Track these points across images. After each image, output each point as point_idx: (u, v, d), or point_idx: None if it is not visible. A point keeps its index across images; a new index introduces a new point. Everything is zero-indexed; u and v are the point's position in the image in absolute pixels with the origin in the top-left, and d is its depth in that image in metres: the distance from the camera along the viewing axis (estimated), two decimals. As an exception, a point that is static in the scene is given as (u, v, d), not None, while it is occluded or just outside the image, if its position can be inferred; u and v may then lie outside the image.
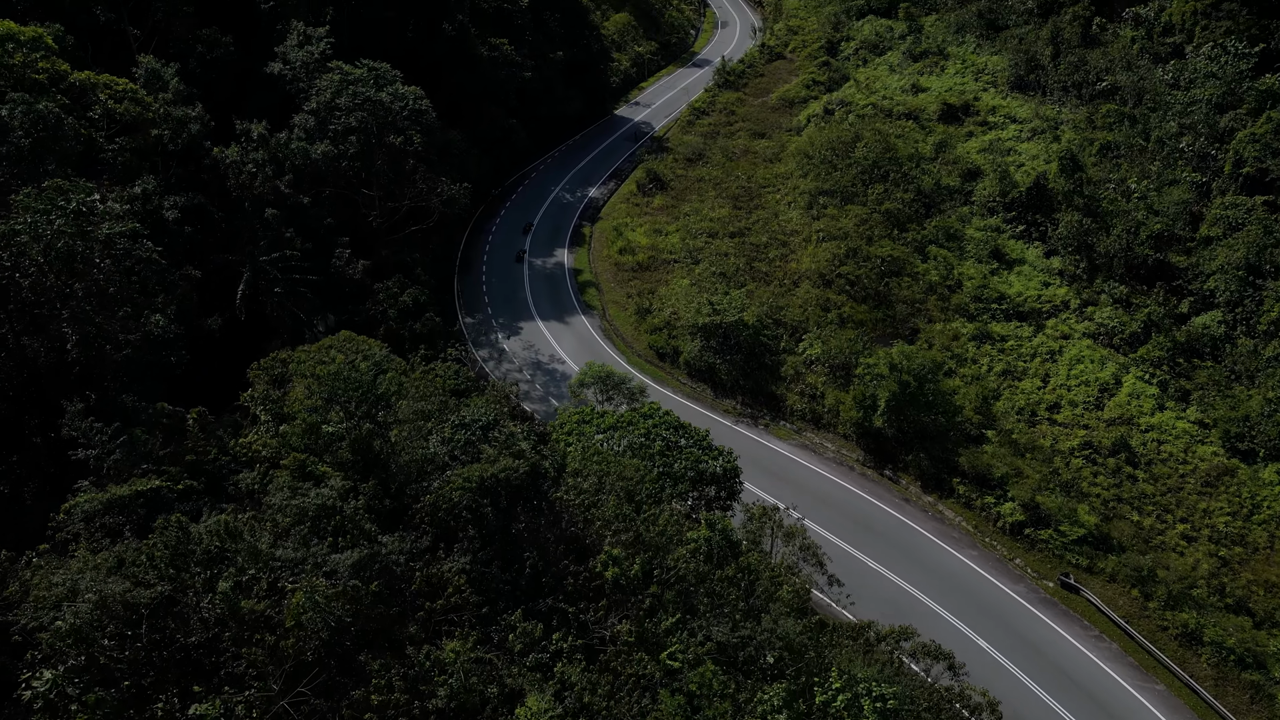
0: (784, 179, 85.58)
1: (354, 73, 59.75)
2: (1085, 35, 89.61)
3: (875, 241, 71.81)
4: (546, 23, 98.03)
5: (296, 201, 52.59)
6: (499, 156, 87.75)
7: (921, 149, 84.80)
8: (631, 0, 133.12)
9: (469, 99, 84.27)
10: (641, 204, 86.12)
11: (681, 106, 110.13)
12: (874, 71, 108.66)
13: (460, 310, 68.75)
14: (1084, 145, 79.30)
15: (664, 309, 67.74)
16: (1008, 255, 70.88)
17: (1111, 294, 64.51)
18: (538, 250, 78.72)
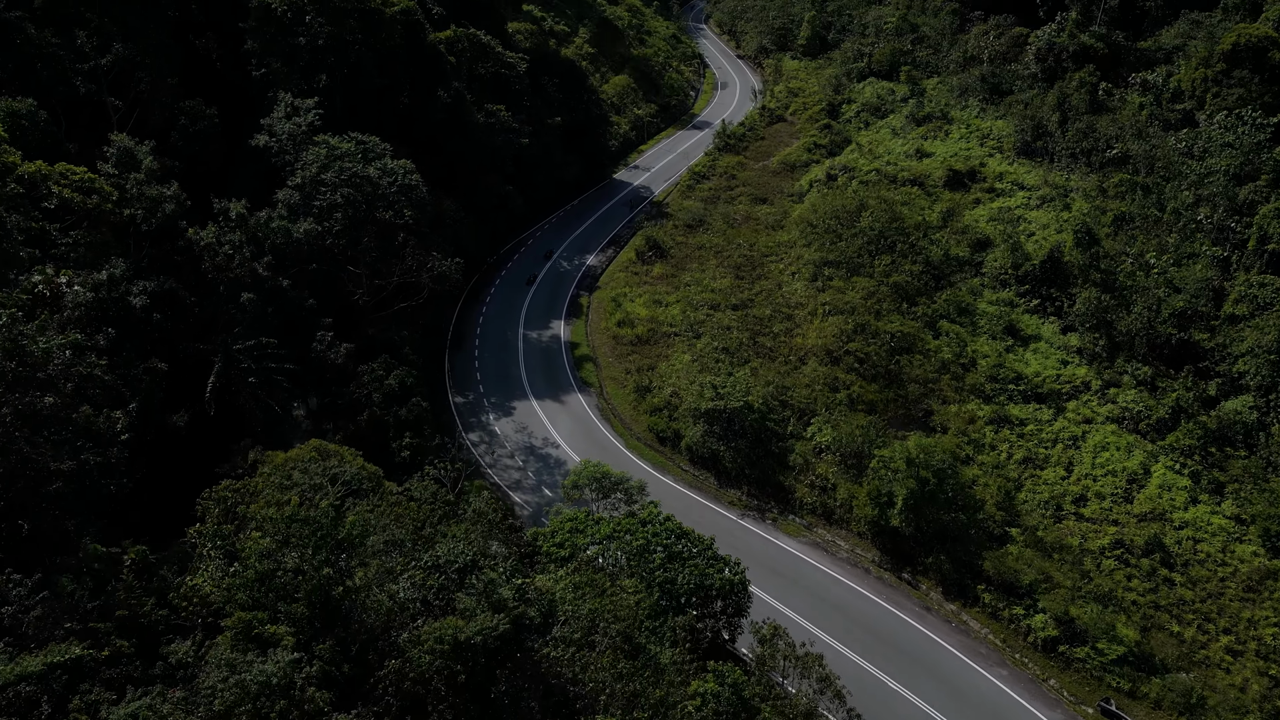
0: (787, 248, 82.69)
1: (340, 146, 57.03)
2: (1093, 101, 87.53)
3: (884, 316, 68.58)
4: (545, 88, 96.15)
5: (276, 284, 49.31)
6: (495, 223, 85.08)
7: (928, 217, 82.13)
8: (631, 63, 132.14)
9: (465, 166, 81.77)
10: (641, 273, 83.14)
11: (681, 170, 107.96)
12: (876, 135, 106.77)
13: (451, 389, 65.19)
14: (1096, 215, 76.66)
15: (664, 387, 64.20)
16: (1023, 331, 67.59)
17: (1135, 375, 61.05)
18: (533, 322, 75.43)
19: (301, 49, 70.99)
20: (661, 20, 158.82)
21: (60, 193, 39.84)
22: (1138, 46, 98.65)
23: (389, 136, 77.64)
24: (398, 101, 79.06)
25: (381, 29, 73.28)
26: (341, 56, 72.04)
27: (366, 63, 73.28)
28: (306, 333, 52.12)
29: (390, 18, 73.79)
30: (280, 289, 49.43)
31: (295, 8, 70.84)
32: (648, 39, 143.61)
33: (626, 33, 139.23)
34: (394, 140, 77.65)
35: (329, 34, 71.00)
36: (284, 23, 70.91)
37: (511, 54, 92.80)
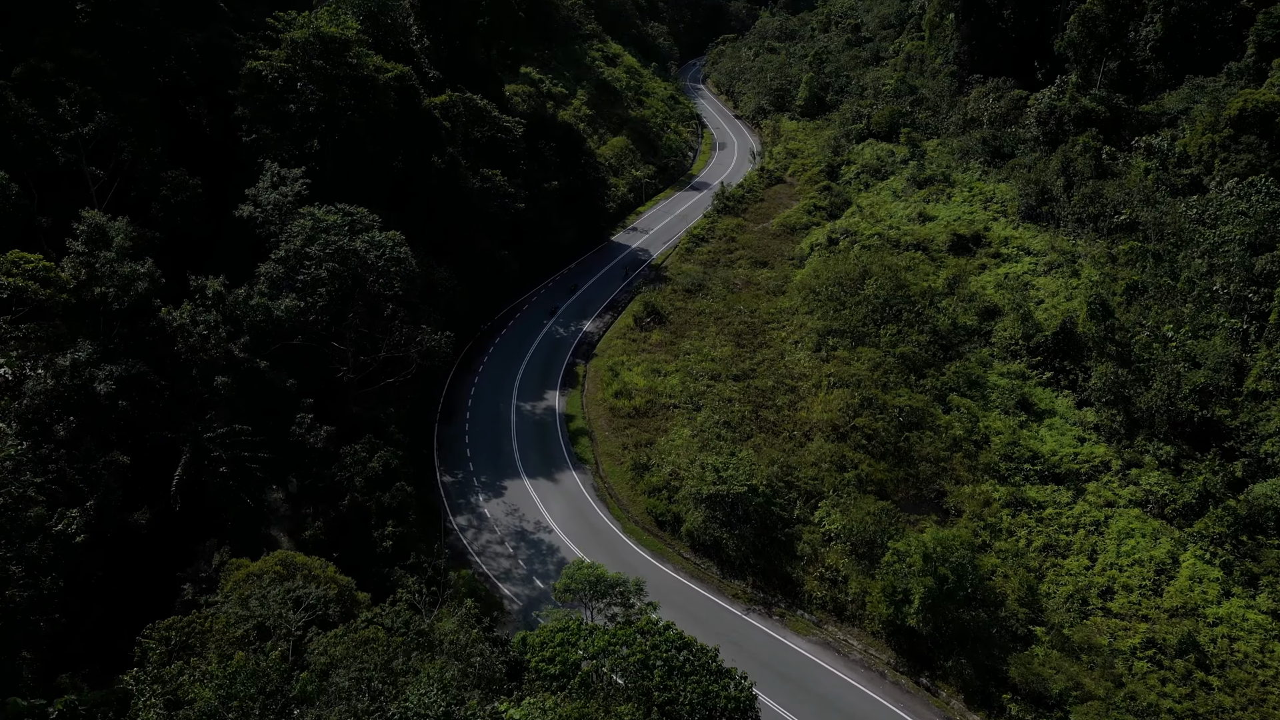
0: (789, 314, 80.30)
1: (326, 219, 54.77)
2: (1097, 165, 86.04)
3: (891, 389, 65.83)
4: (541, 151, 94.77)
5: (252, 366, 46.53)
6: (489, 289, 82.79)
7: (934, 284, 79.93)
8: (629, 124, 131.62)
9: (459, 231, 79.81)
10: (639, 339, 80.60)
11: (680, 232, 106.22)
12: (877, 197, 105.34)
13: (439, 467, 62.03)
14: (1108, 284, 74.44)
15: (663, 465, 61.08)
16: (1036, 405, 64.76)
17: (1156, 455, 58.06)
18: (527, 392, 72.56)
19: (293, 116, 69.41)
20: (659, 81, 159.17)
21: (12, 282, 37.39)
22: (1139, 110, 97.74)
23: (382, 202, 76.18)
24: (391, 166, 77.40)
25: (375, 96, 71.80)
26: (333, 123, 70.42)
27: (359, 129, 71.64)
28: (285, 415, 49.18)
29: (384, 84, 72.37)
30: (257, 371, 46.64)
31: (287, 75, 69.37)
32: (646, 100, 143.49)
33: (625, 94, 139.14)
34: (388, 205, 76.08)
35: (321, 101, 69.43)
36: (275, 89, 69.40)
37: (508, 118, 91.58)
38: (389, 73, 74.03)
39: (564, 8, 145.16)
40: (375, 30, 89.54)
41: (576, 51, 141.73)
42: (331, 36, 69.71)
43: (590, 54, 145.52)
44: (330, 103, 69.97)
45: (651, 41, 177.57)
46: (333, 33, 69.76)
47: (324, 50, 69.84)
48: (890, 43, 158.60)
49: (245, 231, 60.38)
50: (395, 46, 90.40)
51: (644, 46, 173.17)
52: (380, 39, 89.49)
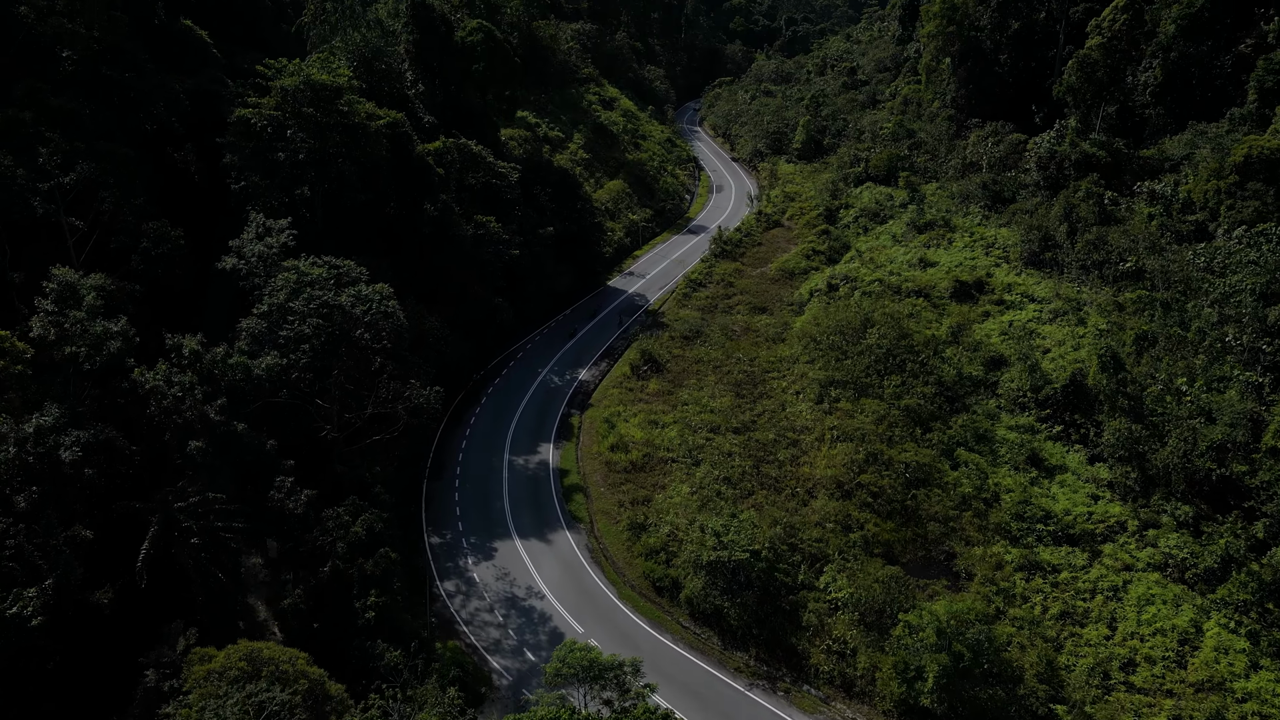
0: (789, 363, 78.25)
1: (311, 272, 52.81)
2: (1101, 212, 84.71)
3: (896, 443, 63.56)
4: (537, 197, 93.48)
5: (229, 429, 44.21)
6: (483, 337, 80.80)
7: (937, 332, 78.04)
8: (626, 167, 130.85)
9: (452, 279, 78.02)
10: (635, 389, 78.43)
11: (677, 277, 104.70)
12: (876, 241, 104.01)
13: (427, 528, 59.43)
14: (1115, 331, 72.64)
15: (661, 525, 58.53)
16: (1046, 461, 62.45)
17: (1174, 515, 55.66)
18: (520, 445, 70.17)
19: (282, 164, 67.94)
20: (656, 124, 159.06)
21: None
22: (1139, 154, 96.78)
23: (374, 249, 74.54)
24: (383, 214, 75.87)
25: (366, 143, 70.40)
26: (324, 171, 68.95)
27: (350, 177, 70.16)
28: (265, 478, 46.77)
29: (375, 132, 71.02)
30: (234, 434, 44.29)
31: (276, 122, 68.03)
32: (642, 143, 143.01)
33: (621, 137, 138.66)
34: (379, 253, 74.41)
35: (311, 149, 68.01)
36: (264, 137, 68.00)
37: (503, 164, 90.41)
38: (381, 120, 72.76)
39: (561, 52, 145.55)
40: (369, 76, 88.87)
41: (573, 95, 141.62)
42: (322, 84, 68.52)
43: (587, 97, 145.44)
44: (320, 151, 68.57)
45: (648, 85, 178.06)
46: (324, 80, 68.57)
47: (314, 98, 68.60)
48: (886, 86, 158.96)
49: (230, 283, 58.49)
50: (389, 92, 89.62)
51: (641, 90, 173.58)
52: (374, 85, 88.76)
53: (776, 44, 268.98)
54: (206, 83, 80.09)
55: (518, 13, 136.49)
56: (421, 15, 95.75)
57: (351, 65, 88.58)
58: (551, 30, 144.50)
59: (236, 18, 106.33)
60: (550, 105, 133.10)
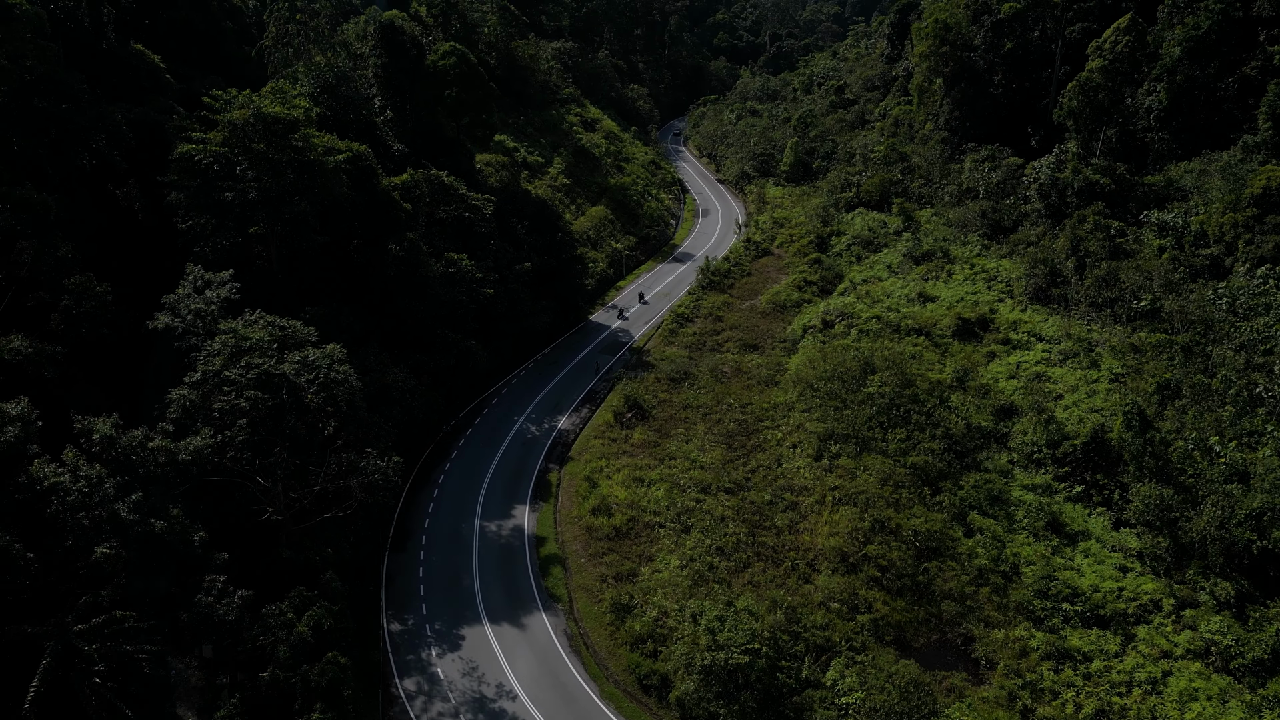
0: (784, 411, 72.55)
1: (251, 336, 46.59)
2: (1111, 246, 79.66)
3: (904, 507, 57.95)
4: (513, 230, 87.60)
5: (146, 529, 37.95)
6: (454, 384, 74.61)
7: (940, 376, 72.61)
8: (609, 192, 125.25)
9: (420, 323, 71.94)
10: (619, 439, 72.46)
11: (663, 310, 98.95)
12: (871, 271, 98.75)
13: (387, 611, 53.13)
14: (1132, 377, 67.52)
15: (647, 607, 52.55)
16: (1068, 526, 56.98)
17: (1214, 593, 50.22)
18: (493, 508, 64.02)
19: (231, 204, 61.83)
20: (640, 145, 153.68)
21: None
22: (1144, 181, 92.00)
23: (335, 293, 68.52)
24: (345, 254, 69.84)
25: (324, 180, 64.34)
26: (278, 211, 62.90)
27: (307, 216, 64.11)
28: (193, 578, 40.50)
29: (334, 167, 64.95)
30: (151, 535, 38.03)
31: (223, 159, 61.94)
32: (625, 166, 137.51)
33: (604, 160, 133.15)
34: (341, 297, 68.41)
35: (263, 188, 61.95)
36: (210, 175, 61.89)
37: (477, 195, 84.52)
38: (341, 154, 66.71)
39: (541, 72, 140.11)
40: (333, 103, 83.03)
41: (554, 117, 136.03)
42: (275, 117, 62.49)
43: (568, 119, 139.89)
44: (274, 189, 62.52)
45: (631, 104, 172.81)
46: (276, 113, 62.54)
47: (267, 132, 62.55)
48: (875, 105, 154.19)
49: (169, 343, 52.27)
50: (355, 120, 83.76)
51: (623, 109, 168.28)
52: (339, 112, 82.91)
53: (761, 60, 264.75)
54: (155, 112, 73.96)
55: (495, 32, 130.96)
56: (390, 38, 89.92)
57: (315, 91, 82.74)
58: (531, 50, 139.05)
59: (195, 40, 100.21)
60: (529, 128, 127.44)
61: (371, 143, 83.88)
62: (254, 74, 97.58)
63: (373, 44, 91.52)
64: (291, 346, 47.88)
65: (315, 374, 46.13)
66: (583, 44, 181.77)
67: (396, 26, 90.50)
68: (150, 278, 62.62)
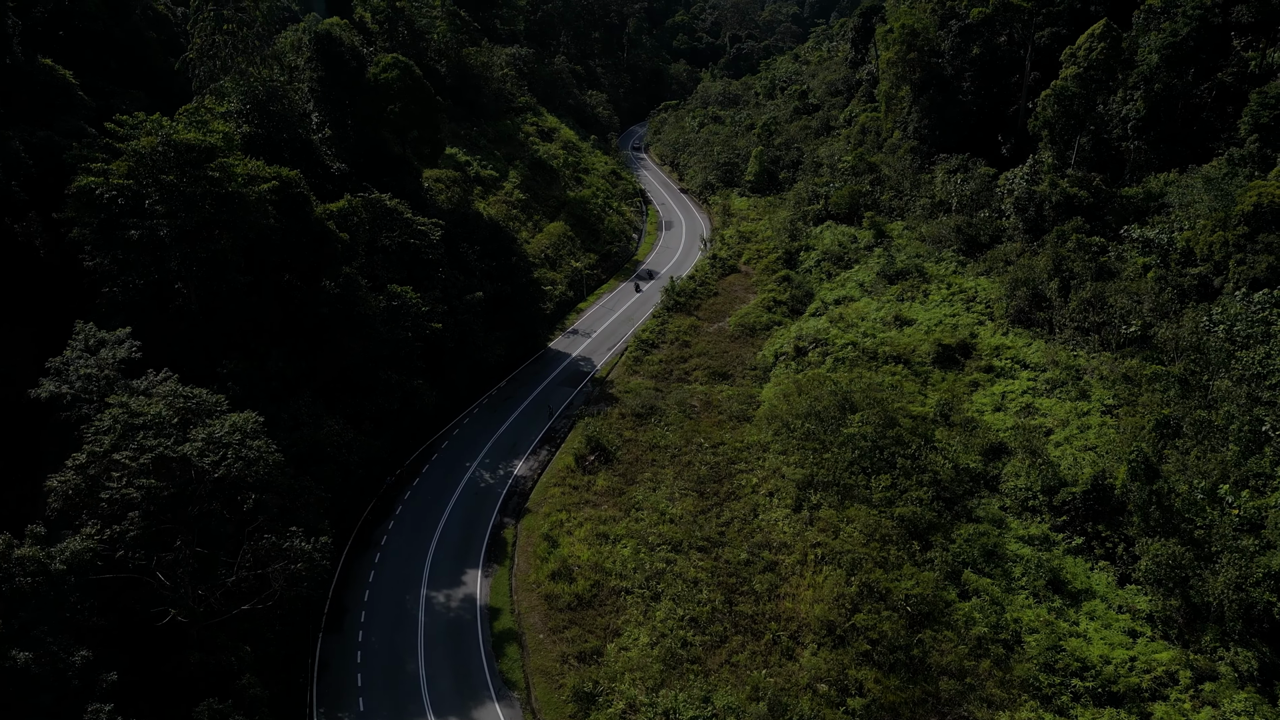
0: (759, 451, 67.00)
1: (146, 411, 39.68)
2: (1098, 268, 75.27)
3: (892, 567, 52.70)
4: (464, 256, 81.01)
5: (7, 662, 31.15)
6: (399, 428, 68.02)
7: (923, 409, 67.60)
8: (568, 206, 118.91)
9: (359, 364, 65.25)
10: (581, 486, 66.38)
11: (627, 335, 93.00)
12: (843, 289, 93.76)
13: (318, 710, 46.49)
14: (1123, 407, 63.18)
15: (614, 696, 46.64)
16: (1070, 584, 52.10)
17: (1235, 664, 45.62)
18: (441, 574, 57.57)
19: (139, 242, 54.65)
20: (599, 155, 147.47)
21: None
22: (1122, 193, 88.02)
23: (262, 335, 61.62)
24: (275, 289, 62.87)
25: (246, 212, 57.35)
26: (194, 249, 55.85)
27: (228, 254, 57.16)
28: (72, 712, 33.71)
29: (257, 199, 57.93)
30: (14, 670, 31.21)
31: (129, 193, 54.75)
32: (585, 178, 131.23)
33: (562, 172, 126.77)
34: (270, 339, 61.54)
35: (176, 224, 54.83)
36: (114, 210, 54.68)
37: (423, 219, 77.78)
38: (266, 183, 59.69)
39: (495, 80, 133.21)
40: (264, 121, 75.70)
41: (509, 127, 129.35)
42: (188, 145, 55.45)
43: (524, 128, 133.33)
44: (189, 225, 55.45)
45: (590, 111, 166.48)
46: (189, 140, 55.48)
47: (179, 161, 55.46)
48: (840, 111, 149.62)
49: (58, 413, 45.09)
50: (289, 139, 76.55)
51: (582, 117, 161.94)
52: (271, 131, 75.61)
53: (721, 61, 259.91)
54: (61, 135, 66.24)
55: (445, 39, 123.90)
56: (327, 49, 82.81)
57: (243, 108, 75.43)
58: (484, 57, 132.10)
59: (115, 52, 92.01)
60: (483, 139, 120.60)
61: (308, 163, 77.09)
62: (182, 88, 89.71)
63: (308, 56, 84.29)
64: (197, 418, 41.04)
65: (222, 455, 39.38)
66: (539, 49, 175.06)
67: (334, 37, 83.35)
68: (56, 326, 55.32)
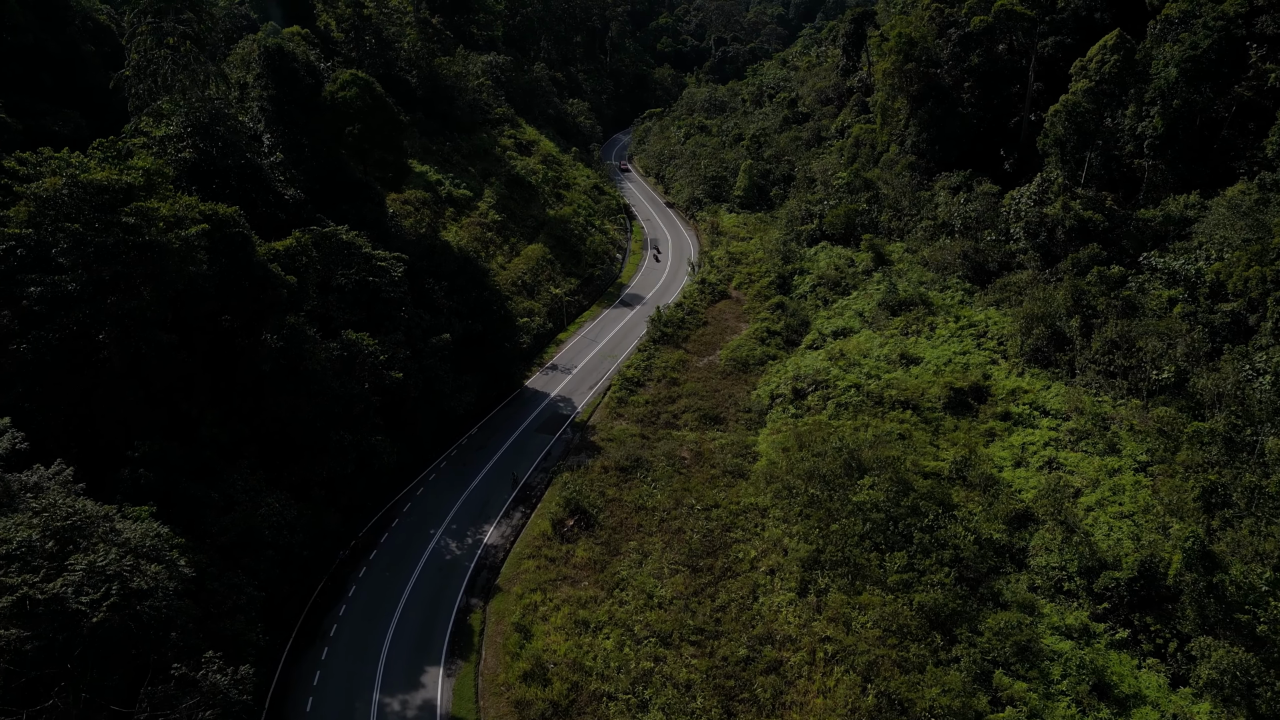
0: (757, 517, 59.84)
1: (11, 537, 31.81)
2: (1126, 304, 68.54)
3: (913, 667, 45.63)
4: (430, 293, 73.28)
5: None
6: (354, 493, 60.41)
7: (937, 464, 60.66)
8: (547, 226, 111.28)
9: (308, 424, 57.61)
10: (558, 558, 58.97)
11: (610, 371, 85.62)
12: (841, 318, 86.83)
13: None
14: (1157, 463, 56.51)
15: (595, 838, 39.37)
16: (1116, 688, 45.16)
17: (1320, 798, 38.90)
18: (397, 674, 49.91)
19: (43, 299, 46.84)
20: (581, 168, 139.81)
21: None
22: (1138, 216, 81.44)
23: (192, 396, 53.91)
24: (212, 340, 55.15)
25: (168, 261, 49.54)
26: (109, 304, 48.06)
27: (150, 310, 49.42)
28: None
29: (183, 246, 50.07)
30: None
31: (29, 242, 46.85)
32: (565, 194, 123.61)
33: (541, 188, 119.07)
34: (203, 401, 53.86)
35: (86, 280, 47.05)
36: (11, 262, 46.78)
37: (384, 254, 70.00)
38: (195, 226, 51.87)
39: (469, 91, 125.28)
40: (208, 145, 67.71)
41: (485, 140, 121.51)
42: (99, 186, 47.57)
43: (501, 141, 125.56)
44: (101, 279, 47.68)
45: (571, 121, 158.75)
46: (100, 180, 47.61)
47: (89, 204, 47.61)
48: (831, 120, 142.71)
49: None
50: (235, 166, 68.57)
51: (563, 127, 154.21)
52: (215, 158, 67.64)
53: (706, 65, 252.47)
54: (-32, 167, 58.24)
55: (415, 48, 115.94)
56: (278, 65, 74.79)
57: (184, 131, 67.48)
58: (458, 67, 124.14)
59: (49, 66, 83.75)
60: (456, 155, 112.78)
61: (258, 190, 69.31)
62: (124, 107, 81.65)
63: (257, 72, 76.28)
64: (81, 537, 33.31)
65: (103, 592, 31.67)
66: (518, 55, 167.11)
67: (285, 52, 75.33)
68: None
